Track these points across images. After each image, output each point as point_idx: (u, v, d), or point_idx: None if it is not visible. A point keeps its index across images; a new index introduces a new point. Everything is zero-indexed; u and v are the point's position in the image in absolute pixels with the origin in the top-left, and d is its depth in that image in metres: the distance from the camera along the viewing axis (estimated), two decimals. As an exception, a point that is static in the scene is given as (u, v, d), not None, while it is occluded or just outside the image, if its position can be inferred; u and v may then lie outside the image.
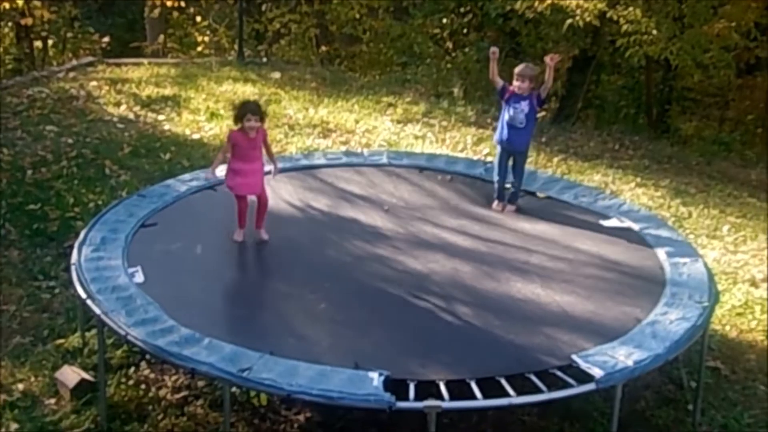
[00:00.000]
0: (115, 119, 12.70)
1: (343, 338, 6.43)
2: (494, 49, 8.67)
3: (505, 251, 7.83)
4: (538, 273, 7.42)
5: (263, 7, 21.14)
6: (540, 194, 8.98)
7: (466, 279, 7.27)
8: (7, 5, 15.96)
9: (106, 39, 21.21)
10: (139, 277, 6.97)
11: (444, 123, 13.75)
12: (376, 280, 7.25)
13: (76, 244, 7.44)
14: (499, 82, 8.53)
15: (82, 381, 7.03)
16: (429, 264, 7.48)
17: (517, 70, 8.47)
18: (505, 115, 8.47)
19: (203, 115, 13.16)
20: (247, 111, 7.48)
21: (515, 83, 8.41)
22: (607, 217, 8.47)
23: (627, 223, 8.33)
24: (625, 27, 13.94)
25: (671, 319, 6.60)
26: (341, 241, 7.83)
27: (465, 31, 19.53)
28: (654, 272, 7.45)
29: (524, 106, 8.39)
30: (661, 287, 7.14)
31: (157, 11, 19.26)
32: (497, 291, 7.12)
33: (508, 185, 8.70)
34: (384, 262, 7.52)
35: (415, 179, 9.33)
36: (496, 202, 8.68)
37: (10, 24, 20.20)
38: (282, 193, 8.77)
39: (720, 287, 8.43)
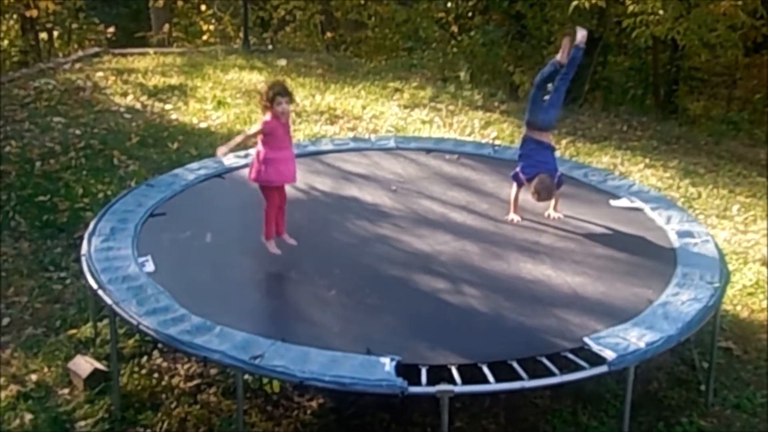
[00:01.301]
0: (122, 109, 12.71)
1: (354, 324, 6.43)
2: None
3: (515, 231, 7.83)
4: (548, 253, 7.41)
5: (268, -5, 21.13)
6: None
7: (476, 261, 7.26)
8: (12, -3, 15.97)
9: (111, 29, 21.22)
10: (150, 267, 6.98)
11: (451, 107, 13.74)
12: (385, 264, 7.25)
13: (86, 235, 7.45)
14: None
15: (95, 371, 7.04)
16: (438, 246, 7.48)
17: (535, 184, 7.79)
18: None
19: (210, 103, 13.16)
20: (276, 93, 6.97)
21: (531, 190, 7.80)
22: (617, 197, 8.47)
23: (637, 203, 8.32)
24: (631, 7, 13.91)
25: (683, 300, 6.58)
26: (350, 226, 7.84)
27: (470, 14, 19.47)
28: (665, 253, 7.44)
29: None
30: (672, 268, 7.13)
31: (161, 1, 19.24)
32: (507, 273, 7.12)
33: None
34: (393, 246, 7.52)
35: (422, 160, 9.35)
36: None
37: (15, 16, 20.22)
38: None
39: (731, 267, 8.41)
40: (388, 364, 5.72)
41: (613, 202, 8.40)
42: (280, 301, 6.83)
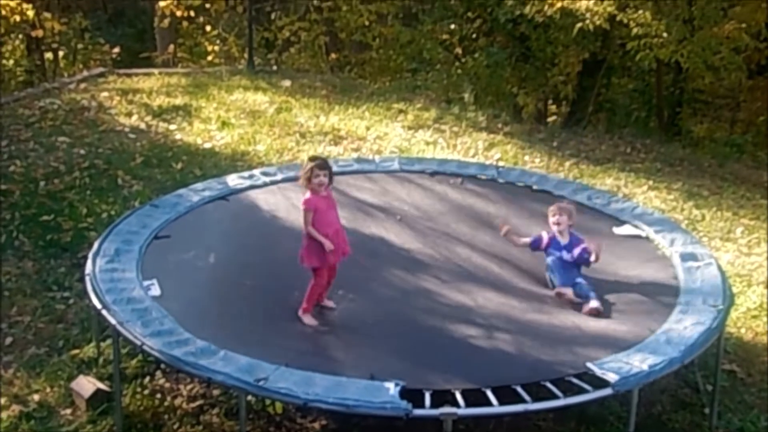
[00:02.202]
0: (126, 129, 12.73)
1: (358, 349, 6.43)
2: (505, 228, 7.82)
3: (519, 256, 7.82)
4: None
5: (273, 16, 21.15)
6: (535, 187, 9.06)
7: (480, 287, 7.27)
8: (17, 17, 16.01)
9: (116, 50, 21.29)
10: (155, 291, 6.97)
11: (455, 128, 13.75)
12: (389, 289, 7.26)
13: (90, 255, 7.46)
14: (527, 240, 7.72)
15: (98, 391, 7.03)
16: (442, 272, 7.49)
17: (551, 208, 7.73)
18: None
19: (214, 124, 13.18)
20: (315, 167, 6.80)
21: (550, 221, 7.61)
22: (620, 222, 8.46)
23: (640, 230, 8.31)
24: (635, 30, 13.93)
25: (686, 323, 6.58)
26: (354, 251, 7.82)
27: (474, 36, 19.49)
28: (668, 276, 7.44)
29: (566, 256, 7.49)
30: (675, 291, 7.13)
31: (167, 21, 19.31)
32: (512, 299, 7.12)
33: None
34: (396, 272, 7.53)
35: (427, 184, 9.34)
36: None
37: (20, 36, 20.30)
38: (294, 202, 8.77)
39: (734, 290, 8.40)
40: (392, 388, 5.71)
41: (617, 230, 8.38)
42: (284, 326, 6.81)
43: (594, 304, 7.03)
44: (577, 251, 7.42)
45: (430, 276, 7.47)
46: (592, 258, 7.40)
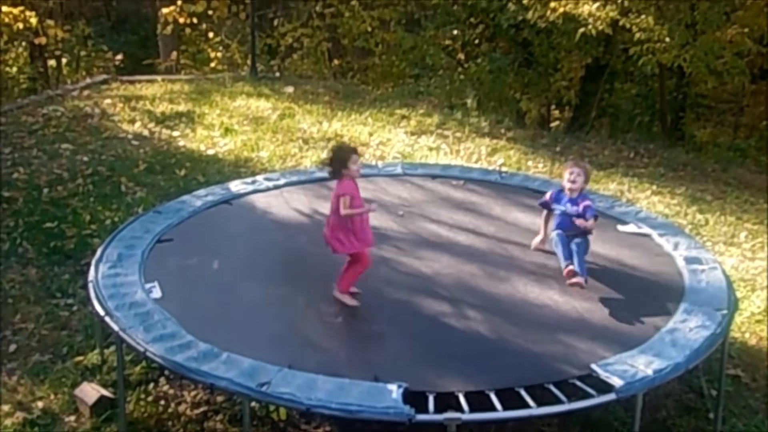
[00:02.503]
0: (129, 136, 12.75)
1: (361, 350, 6.42)
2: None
3: (522, 256, 7.80)
4: (555, 278, 7.38)
5: (275, 22, 21.22)
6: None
7: (483, 287, 7.25)
8: (21, 25, 16.06)
9: (119, 56, 21.33)
10: (157, 293, 6.97)
11: (458, 134, 13.76)
12: (392, 290, 7.24)
13: (93, 261, 7.46)
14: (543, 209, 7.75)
15: (102, 398, 7.03)
16: (445, 272, 7.47)
17: (567, 164, 7.74)
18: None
19: (217, 130, 13.20)
20: (351, 152, 6.76)
21: (566, 178, 7.52)
22: (624, 223, 8.46)
23: (644, 229, 8.31)
24: (637, 35, 13.93)
25: (690, 328, 6.56)
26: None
27: (477, 41, 19.54)
28: (672, 280, 7.42)
29: (571, 209, 7.43)
30: (679, 295, 7.10)
31: (169, 28, 19.35)
32: (515, 299, 7.10)
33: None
34: (400, 272, 7.51)
35: (429, 185, 9.35)
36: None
37: (24, 43, 20.36)
38: (297, 206, 8.79)
39: (739, 294, 8.38)
40: (395, 391, 5.70)
41: (621, 228, 8.39)
42: (287, 328, 6.80)
43: (578, 279, 7.07)
44: (582, 205, 7.36)
45: (432, 274, 7.45)
46: (590, 222, 7.35)
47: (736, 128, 20.79)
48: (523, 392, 5.81)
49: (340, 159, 6.74)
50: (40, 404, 7.15)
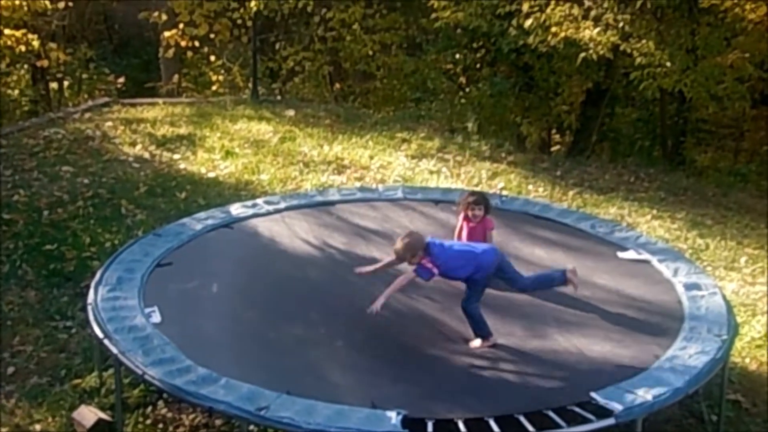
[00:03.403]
0: (130, 159, 12.76)
1: (360, 378, 6.41)
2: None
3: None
4: (555, 308, 7.38)
5: (277, 46, 21.23)
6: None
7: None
8: (23, 47, 16.10)
9: (121, 80, 21.38)
10: (156, 318, 6.98)
11: (458, 158, 13.76)
12: (391, 318, 7.22)
13: (93, 284, 7.47)
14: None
15: (100, 421, 7.01)
16: (444, 301, 7.46)
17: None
18: None
19: (218, 153, 13.20)
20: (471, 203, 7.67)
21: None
22: (624, 249, 8.45)
23: (644, 255, 8.31)
24: (638, 60, 13.94)
25: (690, 353, 6.55)
26: (357, 280, 7.80)
27: (478, 66, 19.54)
28: (672, 305, 7.41)
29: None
30: (679, 320, 7.10)
31: (171, 51, 19.37)
32: (513, 327, 7.09)
33: None
34: (399, 301, 7.49)
35: (430, 212, 9.34)
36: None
37: (26, 66, 20.40)
38: (297, 230, 8.78)
39: (739, 319, 8.36)
40: (394, 417, 5.69)
41: (621, 254, 8.38)
42: (286, 354, 6.79)
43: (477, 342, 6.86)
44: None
45: (432, 302, 7.44)
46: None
47: (736, 153, 20.78)
48: (522, 419, 5.81)
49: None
50: (38, 427, 7.14)
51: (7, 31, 15.57)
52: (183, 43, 18.77)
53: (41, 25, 18.64)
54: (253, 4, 16.79)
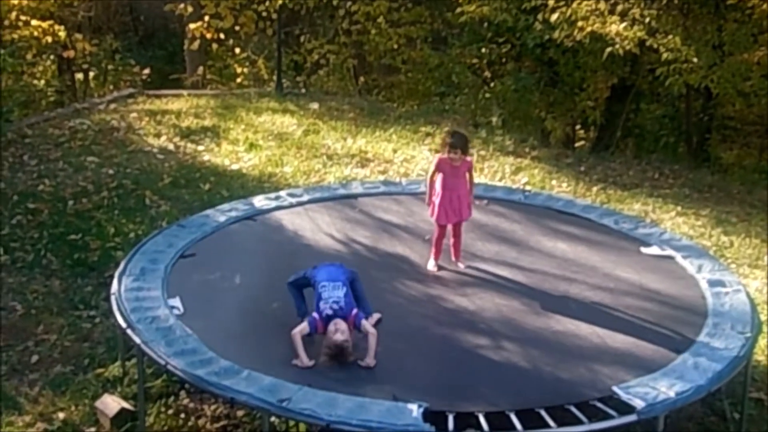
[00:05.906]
0: (155, 150, 12.81)
1: (381, 369, 6.40)
2: None
3: (545, 279, 7.79)
4: (577, 302, 7.37)
5: (302, 39, 21.25)
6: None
7: (504, 309, 7.23)
8: (49, 38, 16.16)
9: (146, 71, 21.40)
10: (179, 309, 6.99)
11: (482, 152, 13.73)
12: (413, 311, 7.24)
13: (116, 274, 7.50)
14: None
15: (122, 410, 7.04)
16: (466, 294, 7.46)
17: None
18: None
19: (242, 145, 13.23)
20: (450, 144, 7.78)
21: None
22: (647, 245, 8.42)
23: (668, 251, 8.27)
24: (665, 55, 13.86)
25: (713, 350, 6.52)
26: (378, 272, 7.82)
27: (503, 60, 19.47)
28: (696, 302, 7.38)
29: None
30: (703, 317, 7.07)
31: (196, 44, 19.40)
32: (536, 321, 7.08)
33: None
34: (421, 293, 7.51)
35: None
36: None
37: (52, 57, 20.48)
38: (320, 223, 8.79)
39: (763, 317, 8.30)
40: (415, 410, 5.69)
41: (644, 250, 8.35)
42: (307, 346, 6.79)
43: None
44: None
45: (454, 296, 7.44)
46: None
47: (762, 150, 20.59)
48: (543, 413, 5.80)
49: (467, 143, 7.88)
50: (61, 415, 7.18)
51: (33, 22, 15.63)
52: (208, 35, 18.78)
53: (67, 16, 18.71)
54: (278, -4, 16.81)
